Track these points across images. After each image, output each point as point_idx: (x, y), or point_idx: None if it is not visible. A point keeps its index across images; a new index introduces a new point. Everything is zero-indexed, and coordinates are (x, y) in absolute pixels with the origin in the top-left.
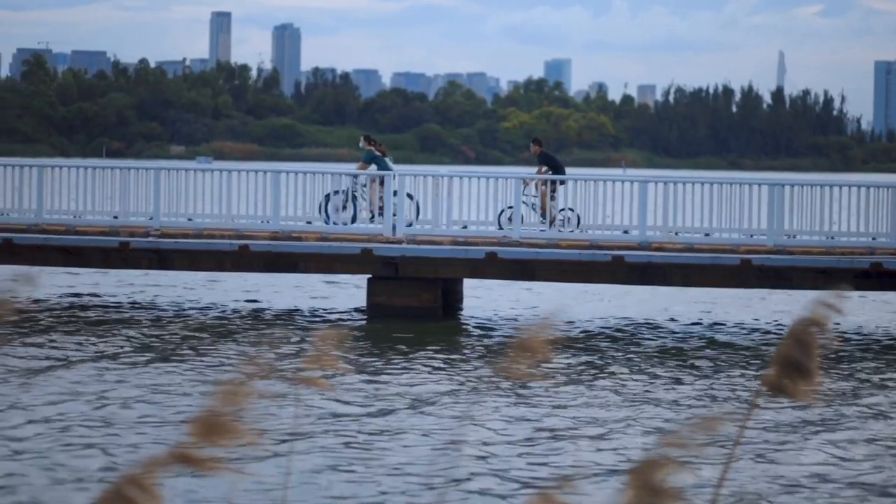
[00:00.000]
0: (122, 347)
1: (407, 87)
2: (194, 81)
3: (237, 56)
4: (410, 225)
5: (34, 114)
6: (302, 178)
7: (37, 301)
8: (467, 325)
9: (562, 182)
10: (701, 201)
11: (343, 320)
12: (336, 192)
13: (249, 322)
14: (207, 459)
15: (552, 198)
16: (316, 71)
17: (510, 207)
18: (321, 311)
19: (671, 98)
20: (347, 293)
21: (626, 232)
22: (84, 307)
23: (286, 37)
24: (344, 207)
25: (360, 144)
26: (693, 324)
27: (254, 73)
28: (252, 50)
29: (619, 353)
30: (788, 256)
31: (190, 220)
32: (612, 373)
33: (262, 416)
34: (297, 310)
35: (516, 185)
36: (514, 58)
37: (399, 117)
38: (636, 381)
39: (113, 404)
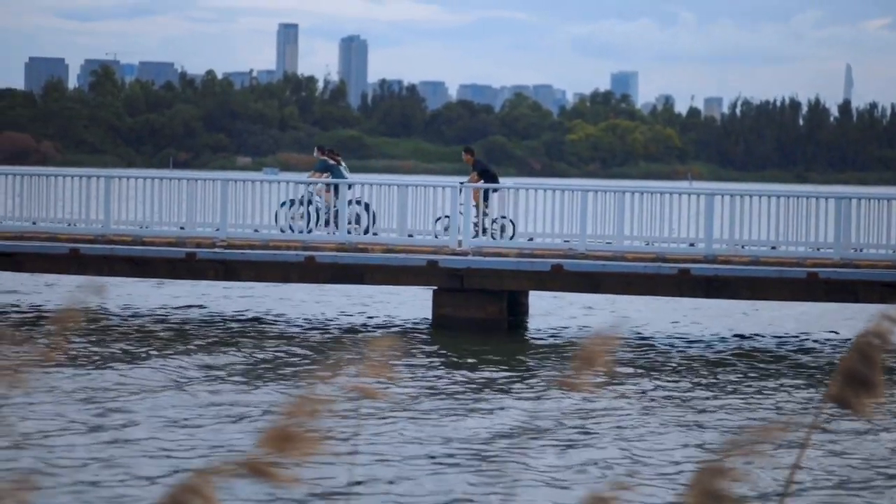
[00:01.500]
0: (195, 356)
1: (473, 99)
2: (261, 93)
3: (304, 68)
4: (367, 233)
5: (102, 124)
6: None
7: (127, 309)
8: (533, 337)
9: (495, 190)
10: (767, 214)
11: (408, 332)
12: (292, 201)
13: (315, 333)
14: (278, 470)
15: (486, 206)
16: (382, 83)
17: (447, 216)
18: (386, 322)
19: (738, 111)
20: (413, 305)
21: (692, 245)
22: (156, 319)
23: (353, 48)
24: (305, 216)
25: (315, 154)
26: (756, 336)
27: (320, 84)
28: (319, 61)
29: (682, 364)
30: (855, 270)
31: (256, 231)
32: (675, 383)
33: (327, 426)
34: (362, 321)
35: (453, 193)
36: (580, 70)
37: (465, 129)
38: (700, 391)
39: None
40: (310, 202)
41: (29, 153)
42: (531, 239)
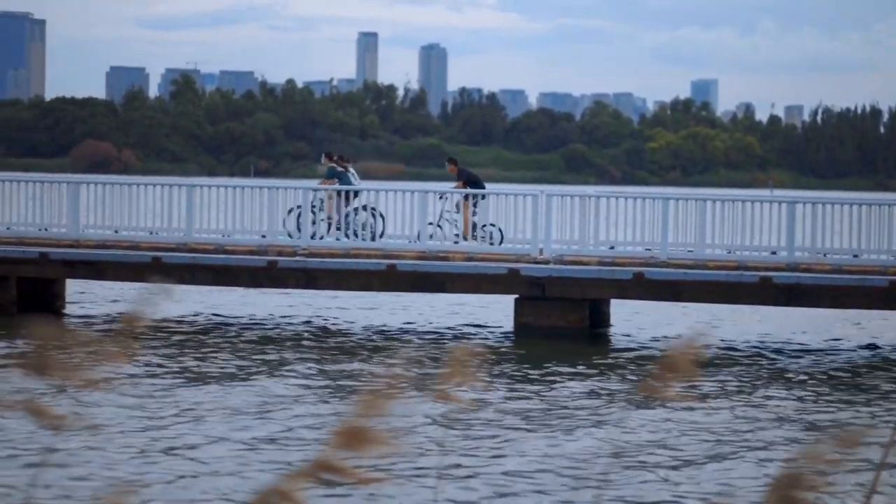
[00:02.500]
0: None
1: (553, 108)
2: (341, 101)
3: (384, 76)
4: (374, 239)
5: (182, 133)
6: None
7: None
8: (614, 345)
9: (483, 197)
10: (849, 222)
11: (489, 340)
12: (299, 207)
13: (396, 342)
14: (352, 469)
15: (474, 213)
16: (462, 91)
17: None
18: (467, 330)
19: (818, 119)
20: (494, 313)
21: (773, 253)
22: (230, 325)
23: (433, 56)
24: (313, 222)
25: (322, 161)
26: (839, 345)
27: (400, 92)
28: (399, 70)
29: (765, 374)
30: None
31: (338, 239)
32: (759, 393)
33: (403, 428)
34: (442, 330)
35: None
36: (660, 78)
37: (545, 137)
38: (783, 401)
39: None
40: (321, 209)
41: (110, 162)
42: (612, 247)
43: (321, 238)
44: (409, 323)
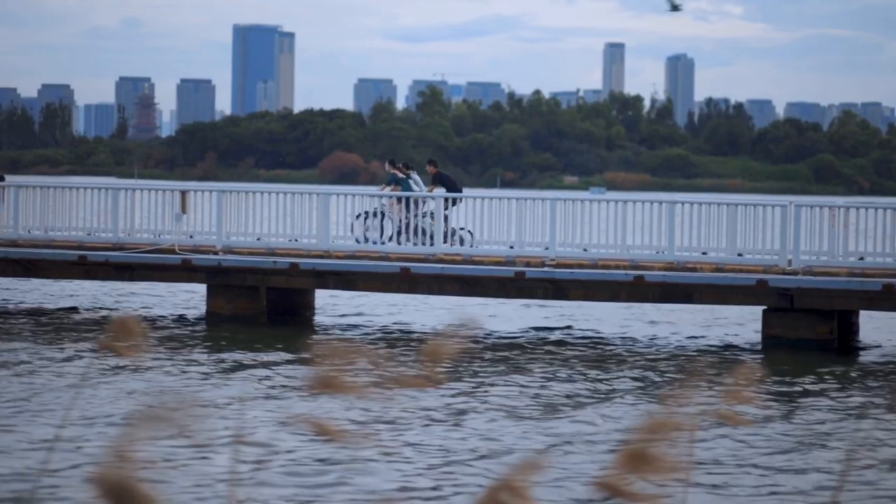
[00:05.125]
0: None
1: (801, 118)
2: (588, 112)
3: (630, 86)
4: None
5: (430, 145)
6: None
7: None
8: (864, 358)
9: (459, 200)
10: None
11: (739, 353)
12: (366, 213)
13: (649, 352)
14: (635, 492)
15: (445, 217)
16: (709, 101)
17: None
18: (713, 342)
19: None
20: (737, 325)
21: None
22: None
23: (679, 67)
24: (382, 228)
25: (386, 168)
26: None
27: (647, 103)
28: (645, 80)
29: None
30: None
31: (585, 250)
32: None
33: (687, 449)
34: (690, 341)
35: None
36: None
37: (793, 148)
38: None
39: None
40: (383, 215)
41: (358, 173)
42: (861, 258)
43: (383, 243)
44: (655, 334)
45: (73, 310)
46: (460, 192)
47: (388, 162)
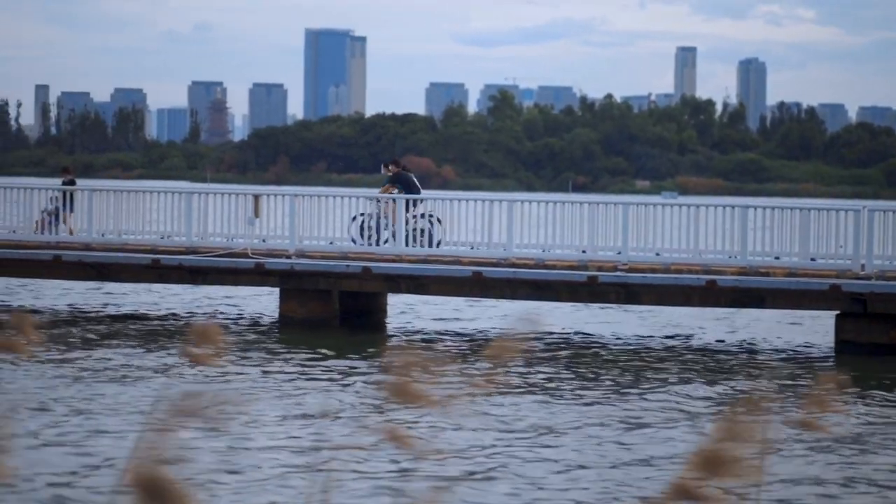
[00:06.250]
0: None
1: (873, 122)
2: (659, 116)
3: (702, 90)
4: (434, 245)
5: (501, 149)
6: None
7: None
8: None
9: (419, 201)
10: None
11: (812, 359)
12: (362, 215)
13: (721, 357)
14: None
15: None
16: (781, 105)
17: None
18: (786, 347)
19: None
20: (812, 329)
21: None
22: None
23: (751, 71)
24: (381, 229)
25: (382, 170)
26: None
27: (719, 107)
28: (717, 84)
29: None
30: None
31: (658, 254)
32: None
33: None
34: (761, 346)
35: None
36: None
37: (865, 152)
38: None
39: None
40: (379, 217)
41: (430, 177)
42: None
43: (377, 244)
44: (723, 339)
45: (145, 316)
46: (419, 192)
47: (384, 164)
